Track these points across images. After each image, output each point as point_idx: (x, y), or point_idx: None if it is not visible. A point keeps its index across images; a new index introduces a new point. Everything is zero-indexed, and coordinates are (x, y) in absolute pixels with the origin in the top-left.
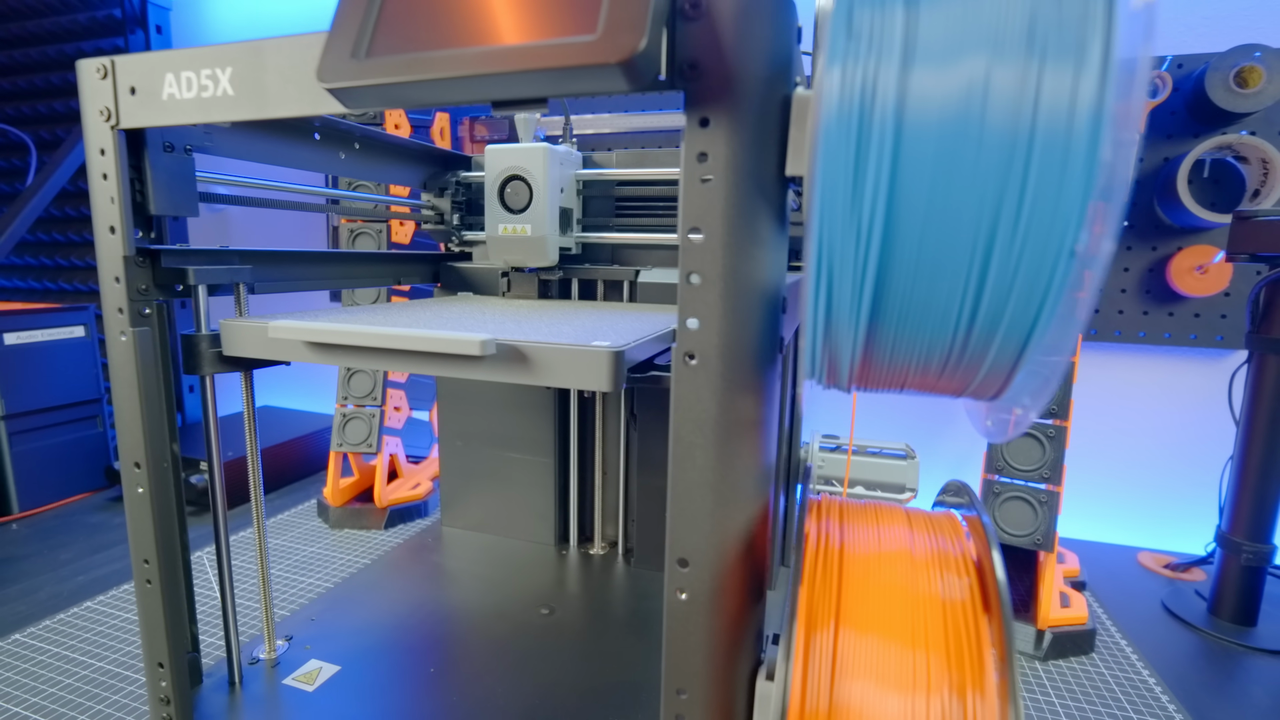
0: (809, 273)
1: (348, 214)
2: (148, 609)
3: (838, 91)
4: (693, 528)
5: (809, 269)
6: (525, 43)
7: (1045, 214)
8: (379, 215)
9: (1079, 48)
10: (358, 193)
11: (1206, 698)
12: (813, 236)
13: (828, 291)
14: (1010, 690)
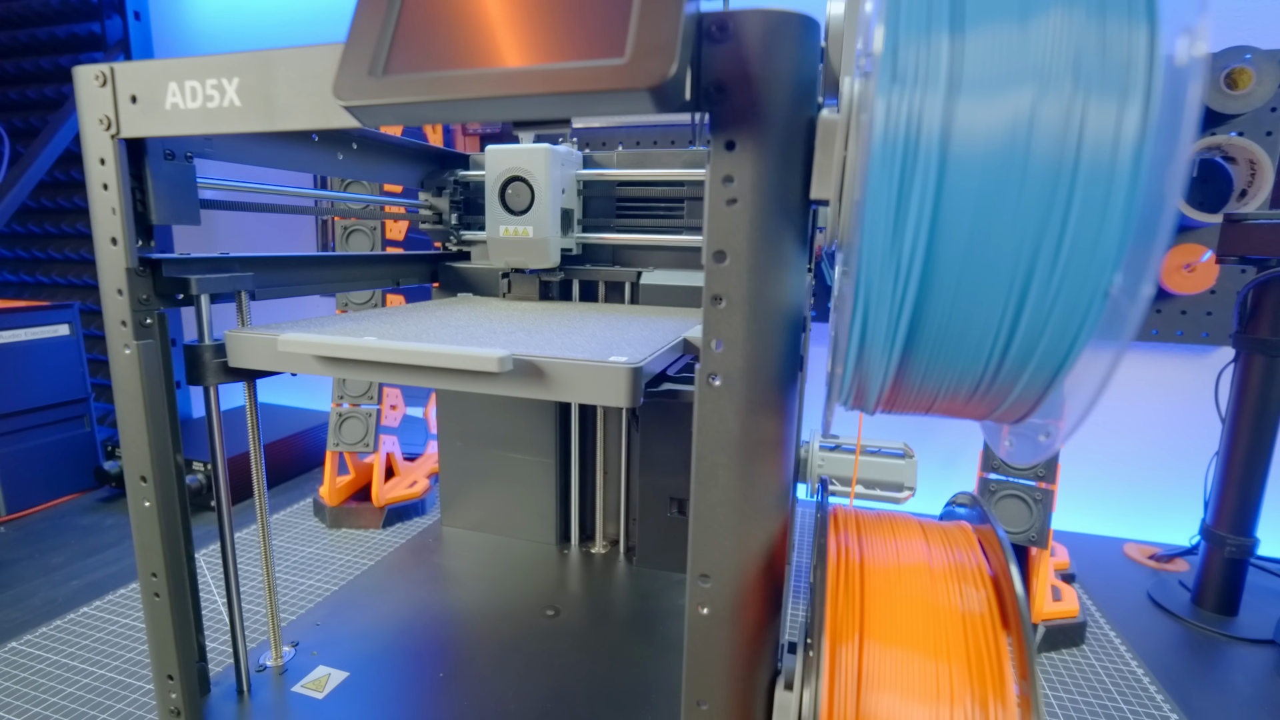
0: (845, 300)
1: (345, 214)
2: (156, 622)
3: (883, 123)
4: (714, 545)
5: (845, 297)
6: (551, 64)
7: (1084, 252)
8: (375, 215)
9: (1123, 83)
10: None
11: (1192, 687)
12: (851, 267)
13: (863, 321)
14: (1034, 702)
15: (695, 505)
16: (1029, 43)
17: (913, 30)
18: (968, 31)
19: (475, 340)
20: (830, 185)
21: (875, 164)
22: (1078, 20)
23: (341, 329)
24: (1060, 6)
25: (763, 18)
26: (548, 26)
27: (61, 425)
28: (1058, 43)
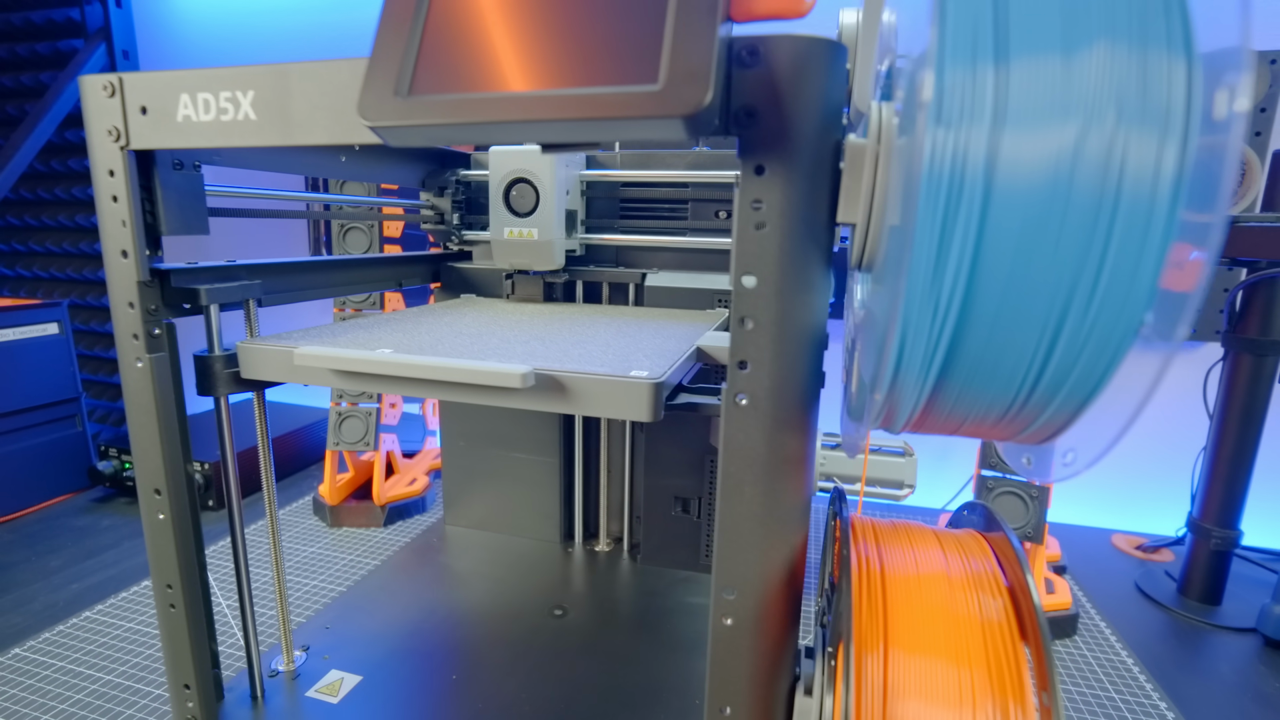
0: (874, 321)
1: (346, 218)
2: (172, 633)
3: (929, 159)
4: (739, 559)
5: (874, 317)
6: (582, 89)
7: (1120, 289)
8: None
9: (1163, 119)
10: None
11: (1179, 676)
12: (886, 292)
13: (899, 349)
14: (1055, 714)
15: (721, 520)
16: (1073, 77)
17: (959, 64)
18: (1012, 64)
19: (490, 350)
20: (858, 209)
21: (920, 199)
22: (1120, 54)
23: (355, 339)
24: (1104, 40)
25: (793, 43)
26: (575, 49)
27: (53, 425)
28: (1101, 77)
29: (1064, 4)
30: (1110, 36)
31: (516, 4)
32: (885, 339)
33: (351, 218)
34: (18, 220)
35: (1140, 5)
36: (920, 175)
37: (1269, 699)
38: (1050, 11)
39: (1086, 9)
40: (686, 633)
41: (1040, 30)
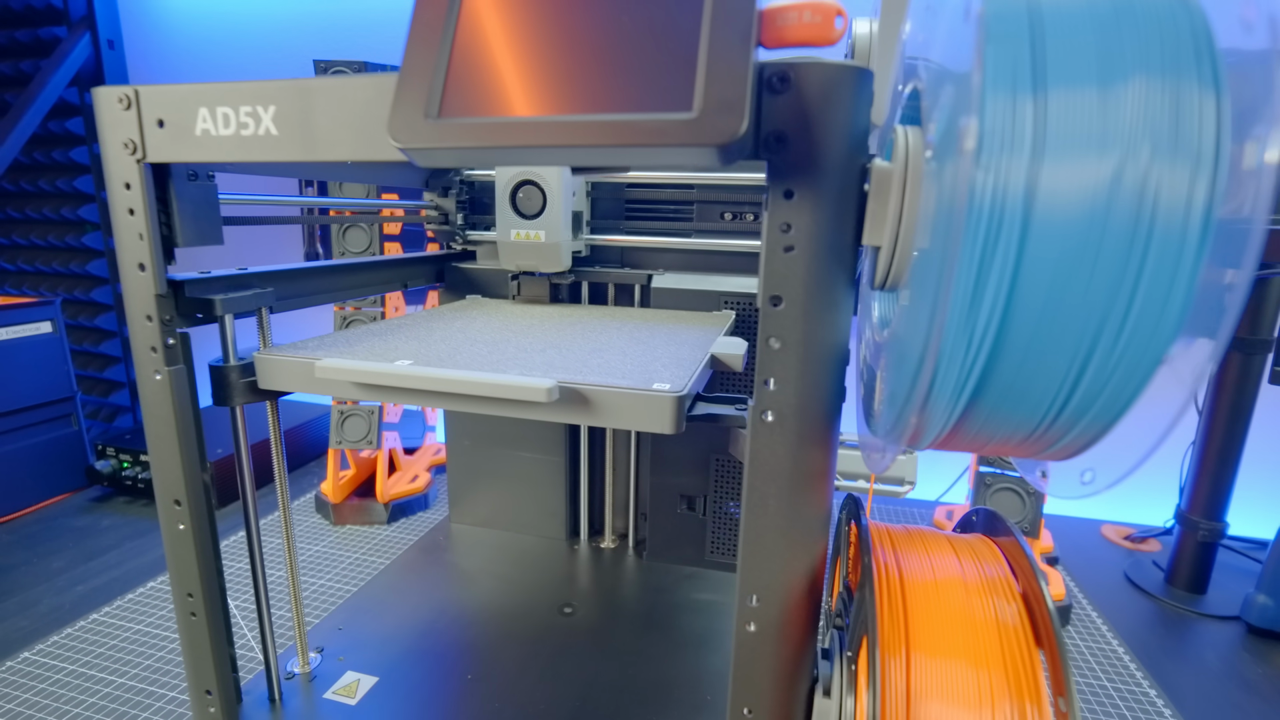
0: (902, 342)
1: (352, 221)
2: (194, 640)
3: (970, 196)
4: (763, 569)
5: (902, 339)
6: (617, 115)
7: (1149, 320)
8: (379, 218)
9: (1195, 154)
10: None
11: (1167, 663)
12: (922, 326)
13: (933, 376)
14: (1069, 694)
15: (746, 531)
16: (1109, 112)
17: (999, 99)
18: (1050, 100)
19: (508, 360)
20: (883, 232)
21: (961, 236)
22: (1154, 90)
23: (371, 348)
24: (1139, 75)
25: (823, 70)
26: (605, 73)
27: (48, 425)
28: (1137, 112)
29: (1100, 42)
30: (1144, 72)
31: (543, 27)
32: (919, 368)
33: (357, 220)
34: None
35: (1172, 43)
36: (961, 214)
37: (1253, 685)
38: (1086, 49)
39: (1120, 47)
40: (695, 629)
41: (1077, 67)
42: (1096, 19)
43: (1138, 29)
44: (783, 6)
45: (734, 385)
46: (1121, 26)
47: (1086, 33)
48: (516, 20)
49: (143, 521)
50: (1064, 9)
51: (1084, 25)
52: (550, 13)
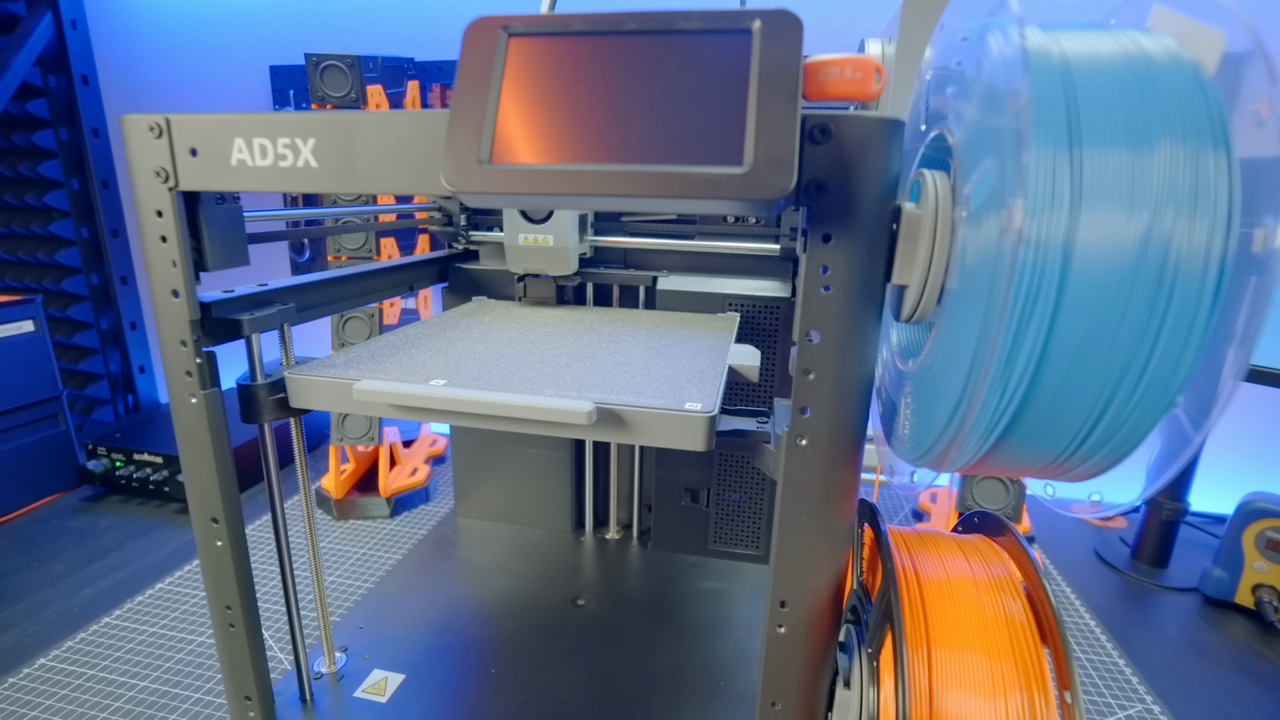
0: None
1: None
2: (232, 650)
3: (1013, 265)
4: (792, 577)
5: (935, 370)
6: (669, 167)
7: (1165, 371)
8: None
9: (1211, 211)
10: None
11: (1133, 633)
12: (962, 377)
13: (964, 416)
14: (1077, 712)
15: (778, 543)
16: (1138, 177)
17: (1041, 172)
18: (1085, 164)
19: (537, 376)
20: (912, 272)
21: (1002, 302)
22: (1177, 156)
23: (399, 365)
24: (1164, 142)
25: (861, 122)
26: (652, 124)
27: (35, 425)
28: (1162, 175)
29: (1128, 118)
30: (1169, 140)
31: (589, 75)
32: (954, 413)
33: (362, 228)
34: None
35: (1191, 111)
36: (1009, 287)
37: (1209, 651)
38: (1117, 128)
39: (1146, 121)
40: (703, 617)
41: (1109, 141)
42: (1126, 102)
43: (1161, 107)
44: (825, 61)
45: (737, 385)
46: (1147, 105)
47: (1117, 118)
48: (562, 68)
49: (141, 521)
50: (1096, 89)
51: (1115, 109)
52: (595, 61)
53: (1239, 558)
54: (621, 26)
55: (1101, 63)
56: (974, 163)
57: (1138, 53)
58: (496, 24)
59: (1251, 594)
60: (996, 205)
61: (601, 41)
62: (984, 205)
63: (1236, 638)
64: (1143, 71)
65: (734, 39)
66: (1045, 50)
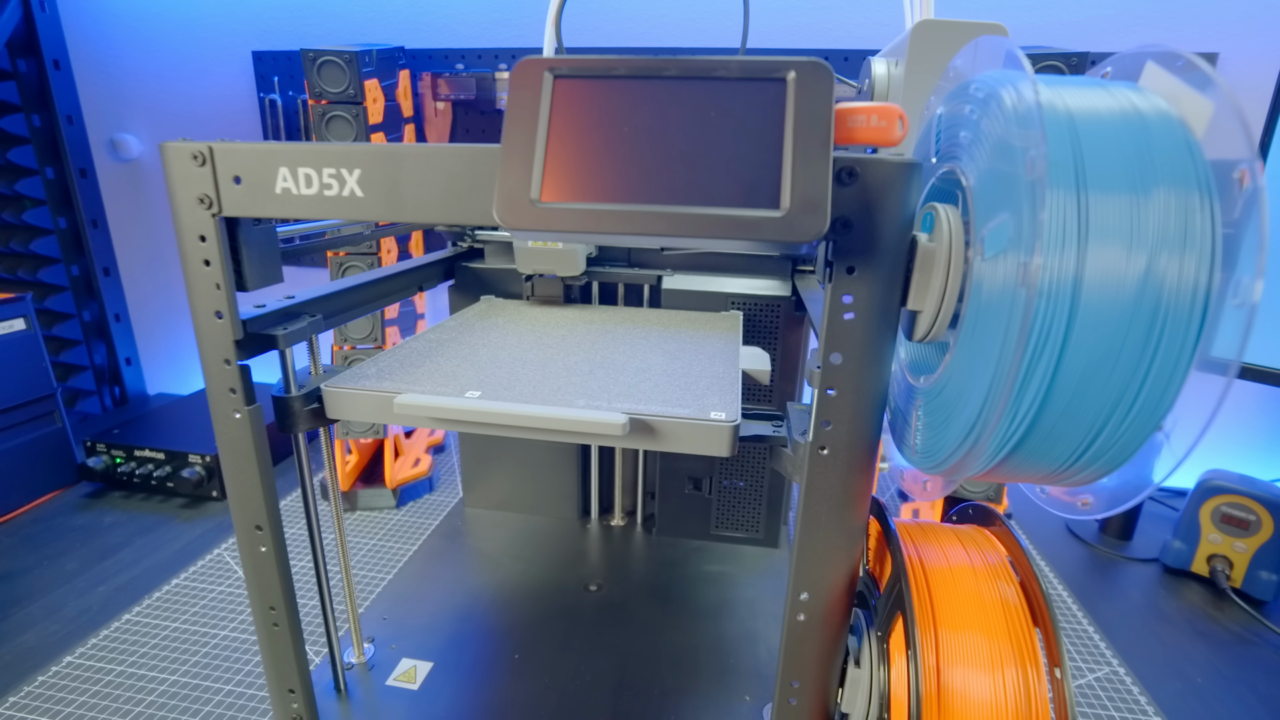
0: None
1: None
2: (276, 648)
3: (1029, 297)
4: (812, 572)
5: (950, 388)
6: (711, 210)
7: (1154, 397)
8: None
9: (1199, 251)
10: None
11: (1100, 601)
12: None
13: (977, 438)
14: (1067, 689)
15: (800, 541)
16: (1135, 229)
17: (1054, 227)
18: (1091, 207)
19: (564, 385)
20: (926, 299)
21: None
22: (1172, 203)
23: (429, 374)
24: (1164, 185)
25: (884, 166)
26: (693, 166)
27: (32, 424)
28: (1159, 220)
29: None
30: (1164, 190)
31: (630, 118)
32: (968, 436)
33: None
34: None
35: (1180, 165)
36: (1024, 334)
37: (1168, 617)
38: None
39: (1145, 179)
40: (710, 599)
41: (1113, 188)
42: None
43: (1155, 160)
44: (853, 109)
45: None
46: (1143, 159)
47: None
48: (606, 110)
49: (146, 517)
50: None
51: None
52: (638, 104)
53: (1196, 531)
54: (662, 72)
55: (1103, 120)
56: (988, 210)
57: (1134, 111)
58: (543, 65)
59: (1207, 563)
60: (1013, 258)
61: (643, 85)
62: (1001, 255)
63: (1192, 603)
64: (1138, 128)
65: (769, 87)
66: (1054, 106)
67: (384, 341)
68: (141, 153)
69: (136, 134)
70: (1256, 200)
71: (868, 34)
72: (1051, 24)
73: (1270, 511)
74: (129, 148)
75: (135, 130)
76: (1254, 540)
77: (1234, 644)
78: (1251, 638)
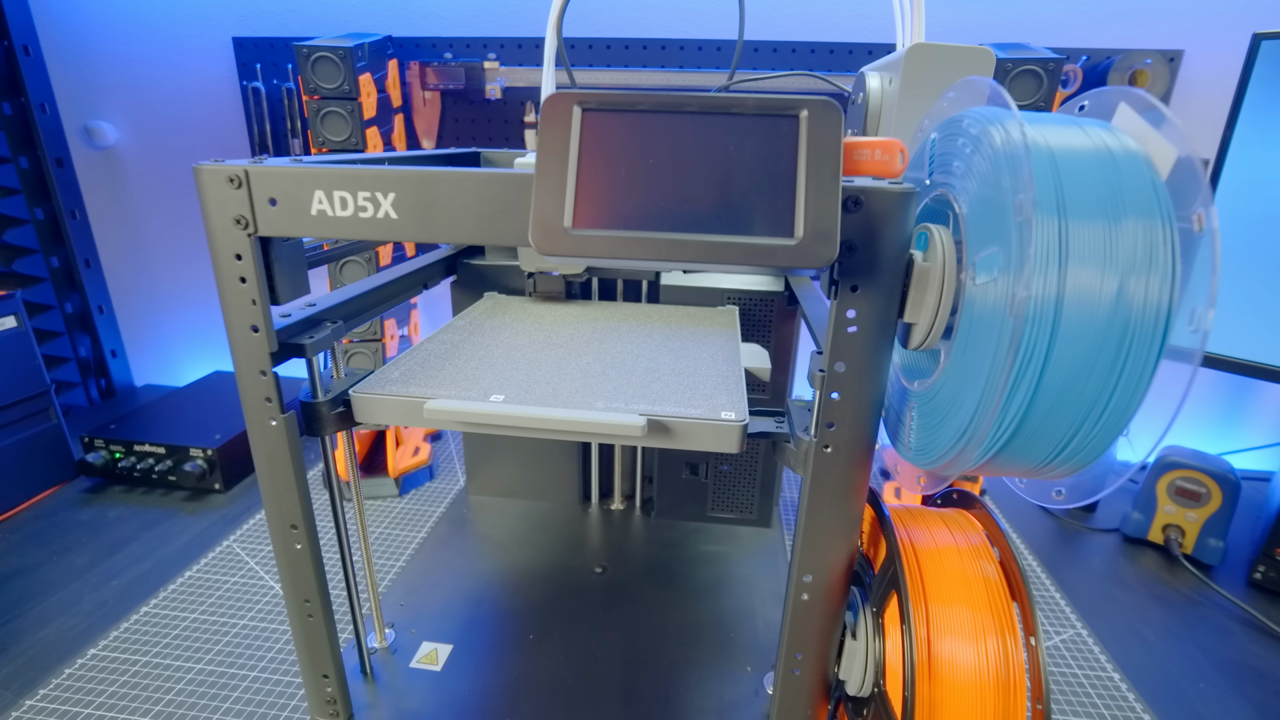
0: (942, 399)
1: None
2: (311, 636)
3: (1016, 326)
4: (815, 556)
5: (942, 393)
6: (731, 238)
7: (1122, 404)
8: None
9: (1163, 273)
10: None
11: (1066, 569)
12: (970, 407)
13: (967, 443)
14: (1039, 654)
15: (804, 529)
16: (1110, 252)
17: (1039, 242)
18: (1071, 230)
19: (580, 386)
20: (921, 313)
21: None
22: (1141, 232)
23: (452, 378)
24: (1133, 215)
25: (885, 194)
26: (713, 196)
27: (27, 422)
28: (1130, 242)
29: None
30: (1132, 218)
31: (655, 148)
32: (960, 439)
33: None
34: None
35: (1146, 198)
36: (1012, 353)
37: (1126, 582)
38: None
39: (1118, 209)
40: (708, 577)
41: (1089, 220)
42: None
43: (1125, 194)
44: (859, 143)
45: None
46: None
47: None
48: (631, 142)
49: (150, 511)
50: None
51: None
52: (661, 137)
53: (1153, 503)
54: (684, 107)
55: (1080, 157)
56: (979, 238)
57: (1106, 150)
58: (572, 100)
59: (1162, 533)
60: (1003, 284)
61: (666, 119)
62: (991, 281)
63: (1148, 569)
64: (1110, 164)
65: (784, 123)
66: (1038, 144)
67: (382, 334)
68: (118, 140)
69: (112, 121)
70: (1210, 239)
71: (853, 27)
72: (1028, 19)
73: (1219, 484)
74: (104, 135)
75: (110, 117)
76: (1204, 511)
77: (1184, 605)
78: (1199, 599)
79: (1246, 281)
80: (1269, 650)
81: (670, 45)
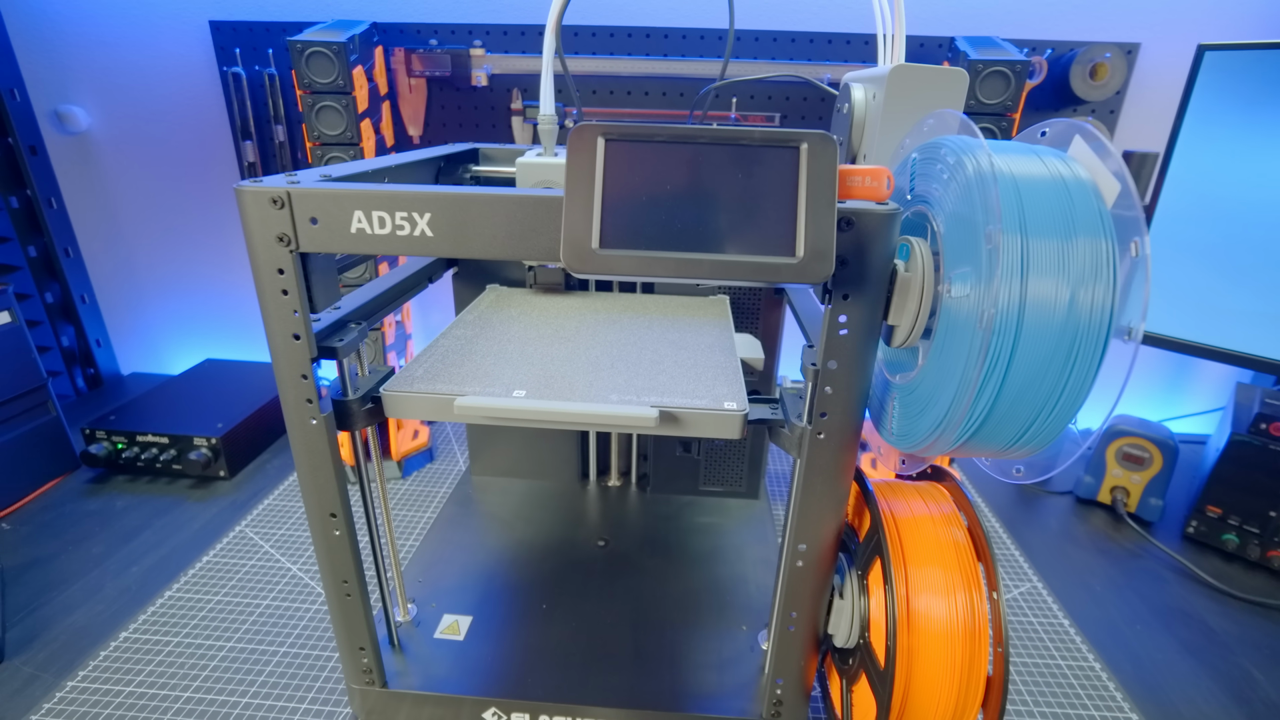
0: (923, 393)
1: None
2: (348, 615)
3: (985, 337)
4: (808, 528)
5: (922, 388)
6: (740, 257)
7: (1072, 395)
8: None
9: (1106, 284)
10: None
11: (1024, 529)
12: (946, 401)
13: (942, 431)
14: (1000, 606)
15: (798, 504)
16: (1065, 254)
17: (1004, 260)
18: (1031, 246)
19: (593, 379)
20: (903, 316)
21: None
22: (1089, 244)
23: (473, 373)
24: (1083, 235)
25: (874, 215)
26: (720, 220)
27: (26, 416)
28: (1080, 257)
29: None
30: (1082, 236)
31: (671, 174)
32: (937, 428)
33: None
34: None
35: (1093, 220)
36: (982, 356)
37: (1077, 539)
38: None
39: (1070, 229)
40: (704, 547)
41: (1048, 235)
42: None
43: (1077, 215)
44: (851, 171)
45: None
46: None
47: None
48: (650, 169)
49: (158, 499)
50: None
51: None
52: (676, 164)
53: (1103, 467)
54: (697, 138)
55: (1038, 183)
56: (955, 255)
57: (1059, 178)
58: (597, 131)
59: (1110, 494)
60: (975, 299)
61: (681, 149)
62: (965, 295)
63: (1097, 528)
64: (1063, 190)
65: (786, 153)
66: (1003, 171)
67: (380, 323)
68: (90, 125)
69: (84, 105)
70: (1144, 265)
71: (833, 16)
72: (996, 11)
73: (1160, 449)
74: (76, 120)
75: (82, 101)
76: (1146, 474)
77: (1126, 558)
78: (1140, 553)
79: (1186, 268)
80: (1196, 594)
81: (655, 34)
